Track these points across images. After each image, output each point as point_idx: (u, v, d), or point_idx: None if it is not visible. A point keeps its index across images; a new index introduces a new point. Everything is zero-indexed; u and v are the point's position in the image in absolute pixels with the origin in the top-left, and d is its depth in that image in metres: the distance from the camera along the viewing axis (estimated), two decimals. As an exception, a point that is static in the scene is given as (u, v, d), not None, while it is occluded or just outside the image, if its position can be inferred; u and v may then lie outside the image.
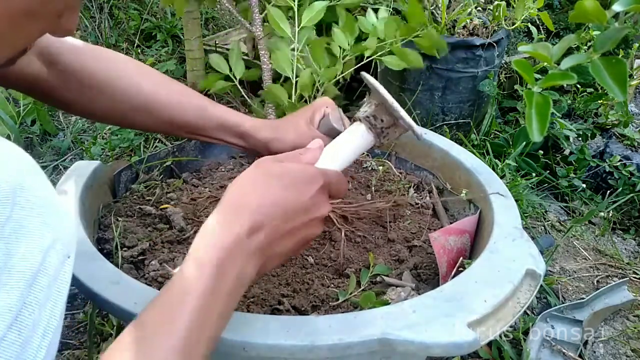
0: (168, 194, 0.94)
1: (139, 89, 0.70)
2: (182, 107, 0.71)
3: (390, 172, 1.03)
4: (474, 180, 0.87)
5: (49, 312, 0.36)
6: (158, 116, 0.71)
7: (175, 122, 0.72)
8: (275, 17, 0.84)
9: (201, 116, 0.71)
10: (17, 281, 0.34)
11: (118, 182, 0.91)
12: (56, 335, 0.38)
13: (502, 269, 0.65)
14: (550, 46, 0.48)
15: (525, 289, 0.64)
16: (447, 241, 0.76)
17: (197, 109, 0.71)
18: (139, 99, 0.70)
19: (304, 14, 0.85)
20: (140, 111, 0.70)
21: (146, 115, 0.71)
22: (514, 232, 0.72)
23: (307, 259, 0.81)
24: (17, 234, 0.34)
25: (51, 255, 0.36)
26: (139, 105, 0.70)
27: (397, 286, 0.74)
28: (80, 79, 0.67)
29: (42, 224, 0.36)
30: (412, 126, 0.59)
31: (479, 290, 0.61)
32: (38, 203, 0.36)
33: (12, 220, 0.34)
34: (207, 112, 0.72)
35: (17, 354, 0.34)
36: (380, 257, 0.81)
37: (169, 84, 0.73)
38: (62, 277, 0.38)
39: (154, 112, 0.71)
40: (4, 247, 0.33)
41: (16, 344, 0.33)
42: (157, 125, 0.73)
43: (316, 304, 0.72)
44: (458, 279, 0.64)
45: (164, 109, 0.71)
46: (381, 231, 0.88)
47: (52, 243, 0.37)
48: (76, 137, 1.51)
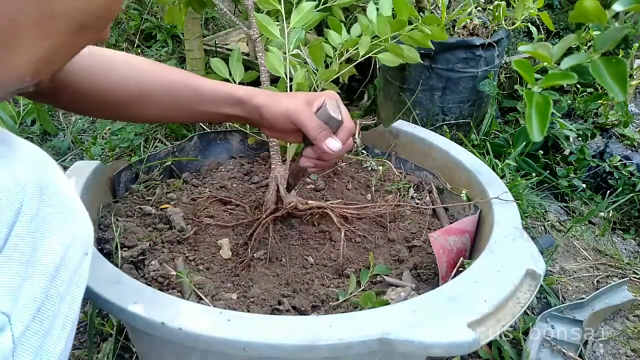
0: (168, 194, 0.94)
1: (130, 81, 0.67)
2: (176, 87, 0.69)
3: (390, 172, 1.03)
4: (474, 180, 0.87)
5: (67, 306, 0.38)
6: (153, 102, 0.69)
7: (172, 103, 0.69)
8: (262, 22, 0.84)
9: (196, 91, 0.69)
10: (41, 274, 0.36)
11: (118, 182, 0.91)
12: (73, 328, 0.40)
13: (502, 269, 0.65)
14: (550, 46, 0.48)
15: (525, 289, 0.64)
16: (447, 241, 0.76)
17: (191, 86, 0.69)
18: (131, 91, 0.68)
19: (293, 15, 0.85)
20: (135, 102, 0.68)
21: (141, 104, 0.69)
22: (514, 232, 0.72)
23: (307, 259, 0.81)
24: (42, 229, 0.36)
25: (72, 252, 0.38)
26: (132, 97, 0.68)
27: (397, 286, 0.74)
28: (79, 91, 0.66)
29: (64, 222, 0.38)
30: None
31: (479, 290, 0.61)
32: (60, 202, 0.38)
33: (38, 217, 0.36)
34: (201, 87, 0.70)
35: (39, 344, 0.35)
36: (380, 257, 0.81)
37: (156, 67, 0.70)
38: (81, 273, 0.40)
39: (148, 100, 0.69)
40: (31, 241, 0.35)
41: (39, 334, 0.35)
42: (154, 112, 0.71)
43: (316, 304, 0.72)
44: (458, 279, 0.64)
45: (158, 94, 0.69)
46: (381, 231, 0.88)
47: (72, 240, 0.39)
48: (76, 137, 1.51)
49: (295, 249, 0.82)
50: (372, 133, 1.09)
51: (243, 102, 0.68)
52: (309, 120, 0.65)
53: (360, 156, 1.07)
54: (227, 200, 0.92)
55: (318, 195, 0.96)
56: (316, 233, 0.86)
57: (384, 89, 1.53)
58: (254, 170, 1.03)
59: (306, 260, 0.81)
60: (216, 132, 1.07)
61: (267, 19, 0.85)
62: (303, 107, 0.65)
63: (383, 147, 1.06)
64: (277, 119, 0.67)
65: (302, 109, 0.65)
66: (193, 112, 0.70)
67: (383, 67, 1.54)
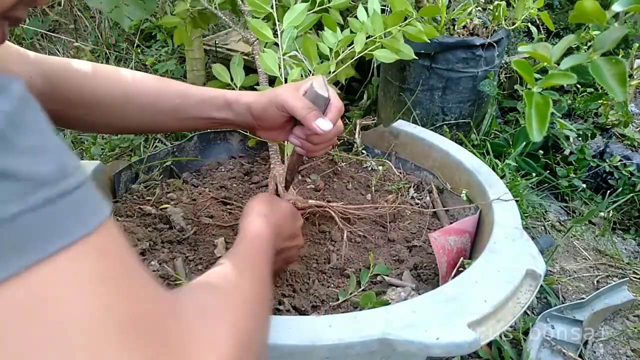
0: (168, 194, 0.94)
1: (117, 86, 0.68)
2: (163, 92, 0.69)
3: (390, 172, 1.03)
4: (474, 180, 0.87)
5: None
6: (140, 106, 0.69)
7: (158, 107, 0.69)
8: (256, 26, 0.85)
9: (182, 95, 0.69)
10: None
11: (118, 182, 0.91)
12: None
13: (502, 269, 0.65)
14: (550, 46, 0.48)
15: (526, 289, 0.64)
16: (447, 241, 0.76)
17: (178, 91, 0.70)
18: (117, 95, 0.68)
19: (285, 16, 0.86)
20: (122, 107, 0.68)
21: (129, 110, 0.69)
22: (514, 232, 0.72)
23: (307, 258, 0.81)
24: None
25: None
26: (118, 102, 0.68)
27: (397, 286, 0.74)
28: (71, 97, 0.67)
29: None
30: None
31: (479, 290, 0.61)
32: None
33: None
34: (188, 91, 0.70)
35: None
36: (381, 257, 0.81)
37: (144, 75, 0.71)
38: None
39: (135, 102, 0.68)
40: None
41: None
42: (142, 119, 0.70)
43: (316, 304, 0.72)
44: (458, 279, 0.64)
45: (145, 96, 0.69)
46: (381, 231, 0.88)
47: None
48: (76, 137, 1.51)
49: (295, 249, 0.82)
50: (373, 133, 1.09)
51: (231, 103, 0.68)
52: (296, 100, 0.63)
53: (360, 156, 1.07)
54: (227, 200, 0.92)
55: (318, 195, 0.96)
56: (316, 233, 0.86)
57: (384, 89, 1.53)
58: (254, 170, 1.03)
59: (306, 260, 0.81)
60: (216, 132, 1.07)
61: (260, 23, 0.85)
62: (290, 91, 0.64)
63: (383, 147, 1.06)
64: (266, 111, 0.66)
65: (289, 92, 0.64)
66: (182, 116, 0.70)
67: (383, 67, 1.54)
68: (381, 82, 1.55)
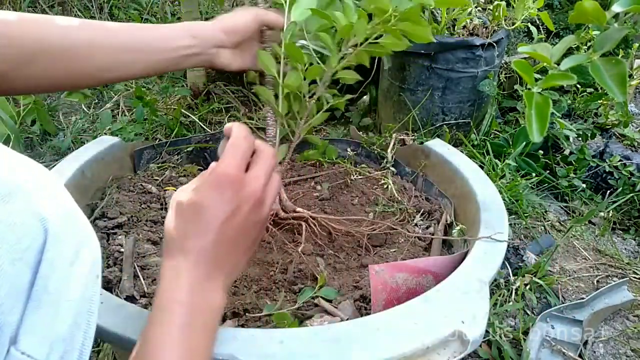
0: (179, 177, 0.95)
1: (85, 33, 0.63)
2: (125, 29, 0.67)
3: (402, 193, 0.97)
4: (478, 218, 0.79)
5: (83, 334, 0.37)
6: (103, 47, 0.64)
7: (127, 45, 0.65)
8: None
9: (140, 28, 0.67)
10: (67, 310, 0.35)
11: (139, 158, 0.98)
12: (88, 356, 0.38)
13: (423, 322, 0.56)
14: (550, 47, 0.48)
15: (445, 355, 0.54)
16: (392, 278, 0.68)
17: (135, 26, 0.68)
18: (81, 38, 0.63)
19: (292, 9, 0.83)
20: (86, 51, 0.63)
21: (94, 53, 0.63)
22: (473, 284, 0.62)
23: (269, 268, 0.78)
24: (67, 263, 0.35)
25: (90, 280, 0.37)
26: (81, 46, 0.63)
27: (329, 314, 0.69)
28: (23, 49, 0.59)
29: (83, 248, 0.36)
30: None
31: (376, 338, 0.54)
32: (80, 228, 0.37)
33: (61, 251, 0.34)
34: (144, 26, 0.68)
35: None
36: (340, 280, 0.76)
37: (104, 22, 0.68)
38: (94, 298, 0.38)
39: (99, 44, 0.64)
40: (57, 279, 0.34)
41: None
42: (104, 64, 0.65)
43: (238, 312, 0.68)
44: (361, 319, 0.57)
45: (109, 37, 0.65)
46: (362, 254, 0.84)
47: (91, 267, 0.37)
48: (76, 137, 1.51)
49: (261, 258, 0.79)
50: (407, 149, 1.05)
51: (196, 28, 0.70)
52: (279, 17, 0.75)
53: (384, 171, 1.03)
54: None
55: (319, 205, 0.94)
56: (290, 242, 0.82)
57: (383, 89, 1.53)
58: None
59: (267, 265, 0.78)
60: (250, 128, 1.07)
61: None
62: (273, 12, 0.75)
63: (414, 165, 1.02)
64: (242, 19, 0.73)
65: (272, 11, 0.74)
66: (152, 53, 0.67)
67: (383, 67, 1.54)
68: (381, 82, 1.55)
